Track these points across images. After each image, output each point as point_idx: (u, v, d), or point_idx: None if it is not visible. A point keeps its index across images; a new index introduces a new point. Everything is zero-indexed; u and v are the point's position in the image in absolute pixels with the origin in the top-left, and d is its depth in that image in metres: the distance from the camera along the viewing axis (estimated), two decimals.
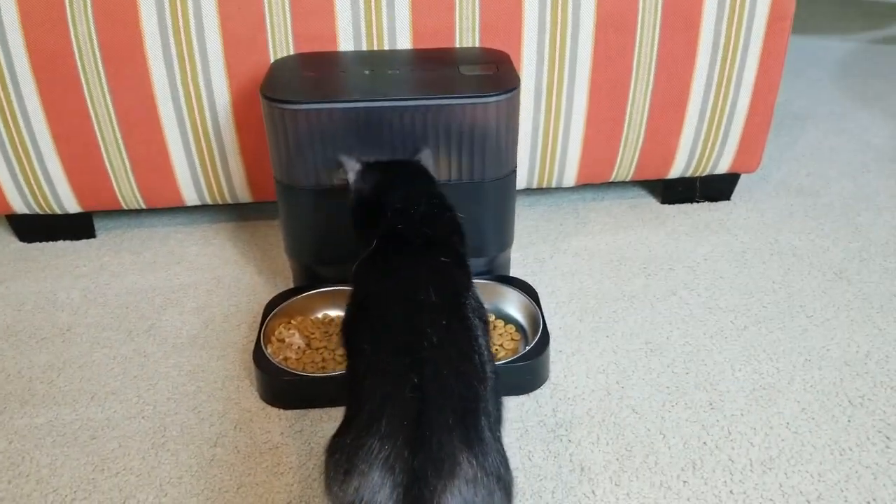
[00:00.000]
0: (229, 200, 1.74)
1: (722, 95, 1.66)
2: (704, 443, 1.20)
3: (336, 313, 1.41)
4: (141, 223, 1.86)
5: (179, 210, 1.90)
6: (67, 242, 1.79)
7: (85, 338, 1.47)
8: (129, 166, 1.65)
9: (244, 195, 1.73)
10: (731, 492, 1.11)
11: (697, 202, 1.87)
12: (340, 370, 1.28)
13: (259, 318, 1.48)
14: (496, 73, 1.36)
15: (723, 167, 1.79)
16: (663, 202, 1.88)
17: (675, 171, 1.79)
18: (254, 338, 1.44)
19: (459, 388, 0.81)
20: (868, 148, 2.17)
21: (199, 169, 1.66)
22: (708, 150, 1.74)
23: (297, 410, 1.28)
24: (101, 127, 1.59)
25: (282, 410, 1.28)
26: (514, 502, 0.85)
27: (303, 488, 1.13)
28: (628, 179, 1.79)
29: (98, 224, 1.81)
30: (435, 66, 1.41)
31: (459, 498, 0.72)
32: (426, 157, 1.24)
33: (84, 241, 1.79)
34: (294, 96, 1.27)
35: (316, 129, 1.27)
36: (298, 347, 1.34)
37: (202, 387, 1.34)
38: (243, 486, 1.14)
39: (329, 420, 1.25)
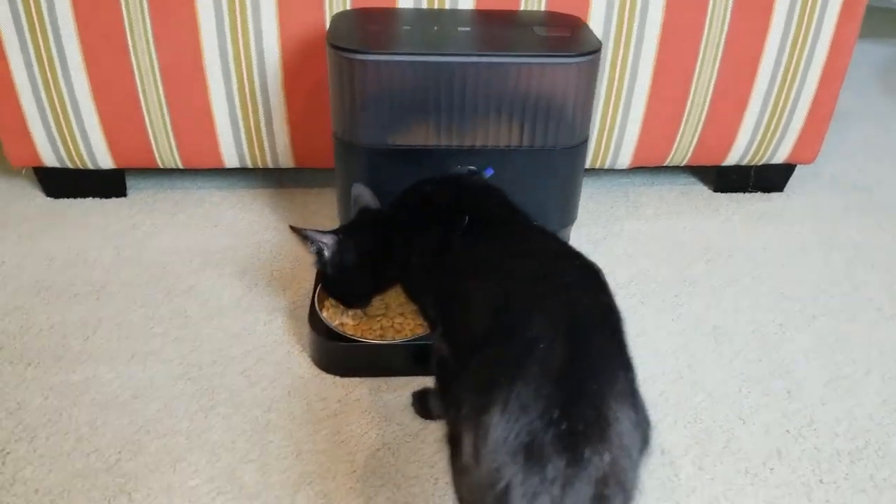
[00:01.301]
0: (270, 165, 1.66)
1: (789, 81, 1.61)
2: (787, 430, 1.14)
3: None
4: (173, 184, 1.78)
5: (213, 173, 1.82)
6: (97, 200, 1.70)
7: (120, 296, 1.38)
8: (168, 122, 1.56)
9: (286, 160, 1.65)
10: (820, 481, 1.05)
11: (750, 192, 1.81)
12: (400, 338, 1.21)
13: (307, 286, 1.41)
14: (572, 35, 1.30)
15: (780, 157, 1.74)
16: (715, 190, 1.82)
17: (731, 159, 1.73)
18: (302, 304, 1.36)
19: (611, 339, 0.78)
20: None
21: (242, 129, 1.58)
22: (768, 138, 1.69)
23: (354, 379, 1.20)
24: (143, 78, 1.50)
25: (337, 378, 1.20)
26: None
27: (366, 458, 1.06)
28: (683, 164, 1.73)
29: (129, 183, 1.73)
30: (505, 25, 1.35)
31: (620, 443, 0.68)
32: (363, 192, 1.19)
33: (114, 200, 1.70)
34: (365, 47, 1.20)
35: (387, 82, 1.20)
36: (355, 314, 1.27)
37: (250, 351, 1.26)
38: (302, 454, 1.06)
39: (388, 390, 1.18)
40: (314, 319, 1.22)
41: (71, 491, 1.00)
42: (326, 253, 1.15)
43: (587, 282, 0.84)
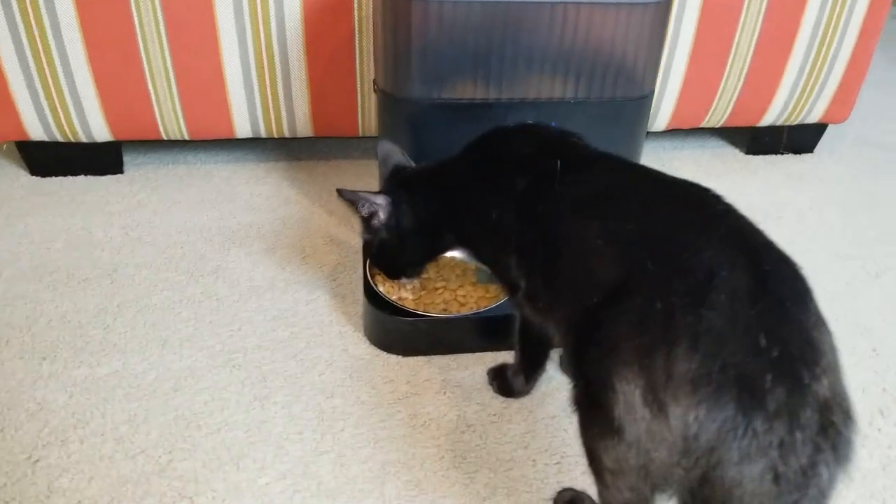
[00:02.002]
0: (286, 134, 1.53)
1: (829, 38, 1.55)
2: (884, 389, 1.08)
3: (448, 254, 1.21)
4: (174, 159, 1.62)
5: (216, 146, 1.67)
6: (90, 178, 1.54)
7: (138, 279, 1.24)
8: (175, 88, 1.41)
9: (305, 129, 1.52)
10: None
11: (782, 153, 1.76)
12: (466, 311, 1.10)
13: (346, 262, 1.29)
14: None
15: (815, 116, 1.68)
16: (747, 152, 1.76)
17: (767, 119, 1.67)
18: (344, 281, 1.24)
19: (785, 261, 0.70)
20: None
21: (257, 96, 1.44)
22: (805, 96, 1.63)
23: (417, 358, 1.09)
24: (146, 38, 1.35)
25: (399, 357, 1.09)
26: None
27: (452, 442, 0.95)
28: (719, 126, 1.66)
29: (124, 159, 1.57)
30: None
31: (834, 365, 0.62)
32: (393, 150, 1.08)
33: (110, 177, 1.54)
34: None
35: (444, 25, 1.08)
36: (413, 287, 1.15)
37: (297, 333, 1.13)
38: (380, 441, 0.95)
39: (458, 368, 1.07)
40: (372, 295, 1.10)
41: (121, 500, 0.87)
42: (381, 215, 1.03)
43: (729, 208, 0.74)
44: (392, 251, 1.06)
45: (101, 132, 1.46)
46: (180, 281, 1.24)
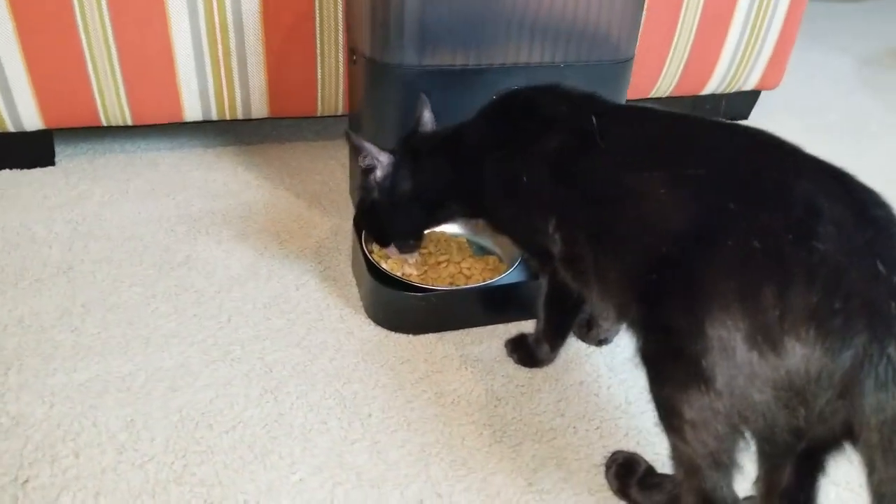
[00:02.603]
0: (240, 115, 1.42)
1: (764, 7, 1.62)
2: None
3: (441, 228, 1.17)
4: (110, 148, 1.48)
5: (154, 133, 1.54)
6: (17, 172, 1.38)
7: (99, 276, 1.11)
8: (118, 67, 1.29)
9: (260, 109, 1.42)
10: None
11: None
12: (473, 283, 1.06)
13: (328, 243, 1.22)
14: None
15: (751, 83, 1.75)
16: None
17: (709, 87, 1.72)
18: (330, 264, 1.17)
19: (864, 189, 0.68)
20: (850, 69, 2.26)
21: (209, 73, 1.34)
22: (744, 64, 1.69)
23: (428, 335, 1.04)
24: (85, 11, 1.22)
25: (410, 336, 1.04)
26: None
27: (488, 417, 0.91)
28: (666, 96, 1.70)
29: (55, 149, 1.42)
30: None
31: None
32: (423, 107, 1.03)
33: (41, 170, 1.39)
34: None
35: None
36: (416, 262, 1.10)
37: (294, 320, 1.05)
38: (413, 423, 0.90)
39: (473, 342, 1.03)
40: (376, 273, 1.04)
41: None
42: (378, 173, 0.98)
43: (793, 146, 0.73)
44: (382, 214, 1.01)
45: (31, 120, 1.31)
46: (149, 275, 1.12)
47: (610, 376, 0.99)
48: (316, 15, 1.33)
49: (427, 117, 1.03)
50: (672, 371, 0.69)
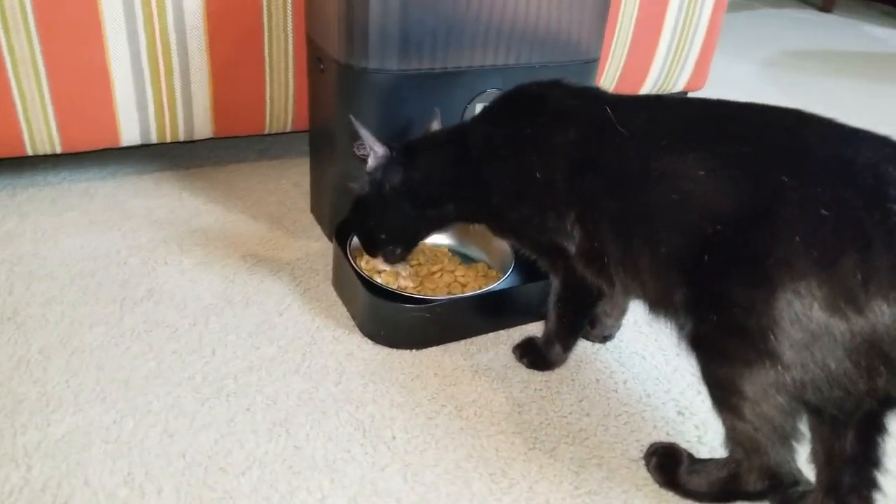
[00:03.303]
0: (181, 137, 1.33)
1: (692, 12, 1.69)
2: None
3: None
4: (33, 181, 1.34)
5: (80, 161, 1.41)
6: None
7: (52, 318, 1.00)
8: (47, 91, 1.17)
9: (204, 129, 1.33)
10: None
11: None
12: (471, 291, 1.03)
13: (303, 264, 1.15)
14: None
15: (680, 84, 1.82)
16: None
17: (645, 88, 1.78)
18: (310, 285, 1.11)
19: None
20: (756, 72, 2.40)
21: (149, 94, 1.24)
22: (676, 65, 1.76)
23: (430, 350, 0.99)
24: (9, 27, 1.10)
25: (413, 352, 0.99)
26: None
27: (516, 425, 0.88)
28: None
29: None
30: None
31: None
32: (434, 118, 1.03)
33: None
34: None
35: None
36: (409, 274, 1.05)
37: (285, 346, 0.98)
38: (441, 440, 0.85)
39: (479, 351, 1.00)
40: (372, 289, 0.98)
41: None
42: (370, 162, 0.95)
43: (822, 117, 0.74)
44: (371, 211, 0.97)
45: None
46: (110, 313, 1.02)
47: (623, 371, 0.98)
48: (264, 27, 1.26)
49: (434, 129, 1.00)
50: (732, 350, 0.69)
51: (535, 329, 1.04)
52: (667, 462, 0.82)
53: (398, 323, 0.97)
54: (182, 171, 1.42)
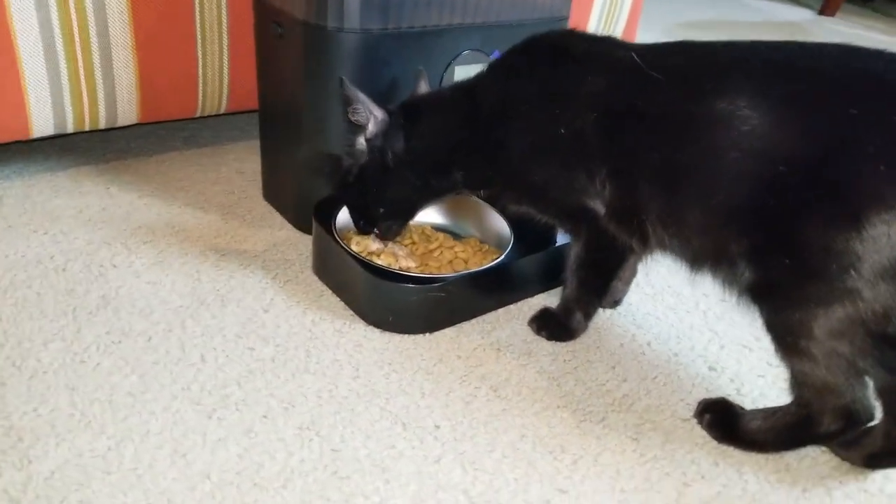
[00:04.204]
0: (103, 124, 1.16)
1: None
2: None
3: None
4: None
5: None
6: None
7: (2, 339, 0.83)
8: None
9: (129, 114, 1.17)
10: None
11: None
12: (474, 266, 0.96)
13: (275, 253, 1.04)
14: None
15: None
16: None
17: None
18: (291, 277, 1.00)
19: None
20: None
21: (65, 75, 1.07)
22: (610, 22, 1.77)
23: (443, 332, 0.92)
24: None
25: (427, 335, 0.91)
26: None
27: (558, 398, 0.83)
28: None
29: None
30: None
31: None
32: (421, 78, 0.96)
33: None
34: None
35: None
36: (409, 254, 0.97)
37: (283, 344, 0.87)
38: (487, 423, 0.79)
39: (495, 328, 0.94)
40: (376, 272, 0.90)
41: None
42: (370, 128, 0.88)
43: (868, 49, 0.73)
44: (370, 182, 0.90)
45: None
46: (63, 326, 0.86)
47: (643, 334, 0.96)
48: None
49: (423, 90, 0.92)
50: (807, 292, 0.67)
51: (539, 302, 1.00)
52: (721, 417, 0.80)
53: (409, 306, 0.89)
54: (102, 165, 1.25)
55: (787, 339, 0.70)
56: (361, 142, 0.90)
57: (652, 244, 0.80)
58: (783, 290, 0.69)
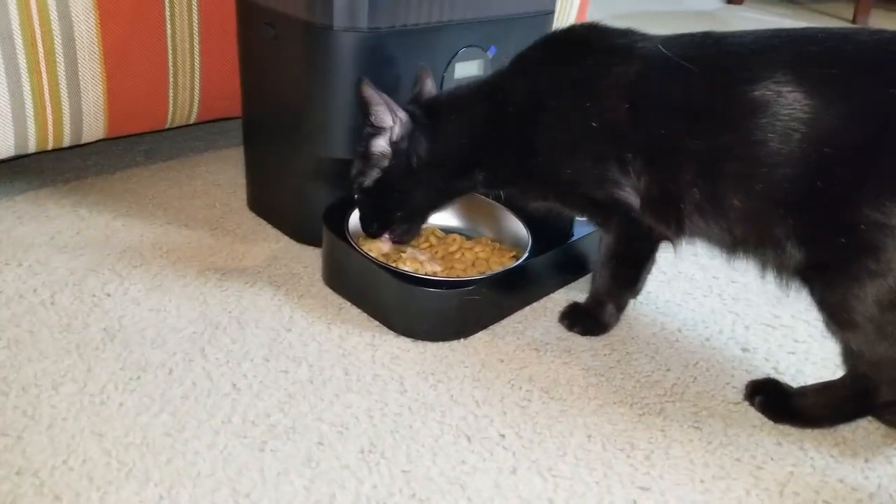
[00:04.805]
0: (67, 141, 1.07)
1: None
2: None
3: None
4: None
5: None
6: None
7: None
8: None
9: (95, 129, 1.08)
10: None
11: None
12: (492, 268, 0.94)
13: (278, 266, 0.99)
14: None
15: None
16: None
17: None
18: (302, 288, 0.95)
19: None
20: None
21: (27, 93, 0.97)
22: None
23: (477, 335, 0.89)
24: None
25: (462, 341, 0.88)
26: None
27: (612, 393, 0.81)
28: None
29: None
30: None
31: None
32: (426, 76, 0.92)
33: None
34: None
35: None
36: (431, 258, 0.93)
37: (317, 363, 0.82)
38: (550, 427, 0.76)
39: (527, 327, 0.91)
40: (406, 279, 0.86)
41: None
42: (397, 130, 0.85)
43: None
44: (394, 186, 0.87)
45: None
46: (71, 366, 0.78)
47: (670, 321, 0.96)
48: None
49: (430, 88, 0.88)
50: (863, 267, 0.68)
51: (560, 298, 0.98)
52: (773, 398, 0.80)
53: (446, 311, 0.86)
54: (61, 186, 1.15)
55: (843, 316, 0.71)
56: (380, 144, 0.86)
57: (687, 232, 0.80)
58: (837, 268, 0.70)
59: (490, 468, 0.70)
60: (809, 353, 0.91)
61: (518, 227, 0.98)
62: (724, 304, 1.01)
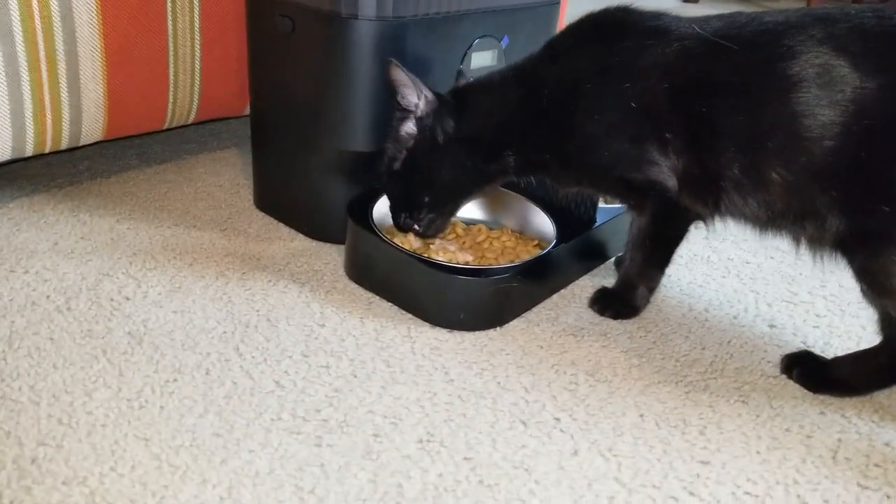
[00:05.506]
0: (65, 144, 1.02)
1: None
2: None
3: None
4: None
5: None
6: None
7: (22, 399, 0.70)
8: None
9: (94, 130, 1.04)
10: None
11: None
12: (520, 256, 0.94)
13: (299, 262, 0.97)
14: None
15: None
16: None
17: None
18: (327, 283, 0.94)
19: None
20: None
21: (26, 94, 0.93)
22: None
23: (512, 323, 0.89)
24: None
25: (498, 330, 0.87)
26: None
27: (658, 375, 0.82)
28: None
29: None
30: None
31: None
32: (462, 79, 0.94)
33: None
34: None
35: None
36: (461, 248, 0.92)
37: (357, 357, 0.80)
38: (602, 409, 0.76)
39: (561, 314, 0.91)
40: (450, 269, 0.84)
41: None
42: (422, 106, 0.85)
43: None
44: (421, 167, 0.87)
45: None
46: (101, 371, 0.74)
47: (695, 302, 0.97)
48: None
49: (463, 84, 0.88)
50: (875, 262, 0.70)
51: (586, 284, 0.98)
52: (810, 369, 0.81)
53: (483, 300, 0.85)
54: (56, 192, 1.10)
55: (886, 283, 0.73)
56: (408, 127, 0.85)
57: (723, 211, 0.81)
58: (881, 236, 0.71)
59: (551, 451, 0.69)
60: (832, 326, 0.93)
61: (541, 217, 0.98)
62: (743, 283, 1.02)
